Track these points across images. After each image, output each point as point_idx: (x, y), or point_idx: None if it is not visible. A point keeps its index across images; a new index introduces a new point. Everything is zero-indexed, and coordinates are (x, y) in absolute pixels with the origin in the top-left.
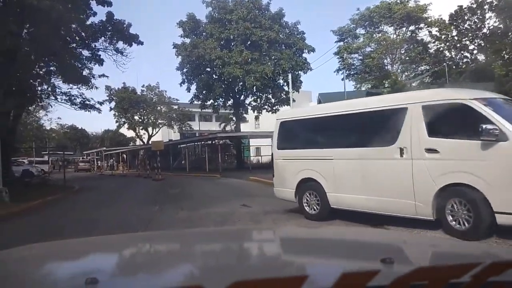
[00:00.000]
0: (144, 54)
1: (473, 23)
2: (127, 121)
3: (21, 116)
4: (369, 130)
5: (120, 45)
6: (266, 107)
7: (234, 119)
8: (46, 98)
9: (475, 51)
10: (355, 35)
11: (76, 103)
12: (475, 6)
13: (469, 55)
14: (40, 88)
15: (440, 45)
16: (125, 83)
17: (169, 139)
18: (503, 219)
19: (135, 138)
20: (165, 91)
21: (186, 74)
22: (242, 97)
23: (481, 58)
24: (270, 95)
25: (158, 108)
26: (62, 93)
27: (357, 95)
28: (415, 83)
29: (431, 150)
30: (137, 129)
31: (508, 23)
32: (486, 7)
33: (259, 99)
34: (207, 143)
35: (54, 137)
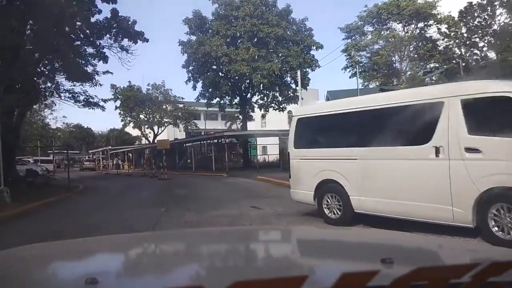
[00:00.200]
0: (149, 52)
1: (483, 19)
2: (133, 119)
3: (25, 115)
4: (399, 127)
5: (125, 42)
6: (273, 105)
7: (240, 117)
8: (50, 96)
9: (484, 48)
10: (363, 32)
11: (79, 100)
12: (485, 2)
13: (478, 52)
14: (44, 86)
15: (449, 42)
16: (130, 82)
17: (174, 138)
18: None
19: (140, 137)
20: (171, 90)
21: (192, 72)
22: (248, 95)
23: (491, 55)
24: (277, 93)
25: (163, 106)
26: (65, 91)
27: (366, 92)
28: (427, 80)
29: (472, 149)
30: (143, 128)
31: None
32: (496, 3)
33: (265, 97)
34: (214, 141)
35: (59, 136)
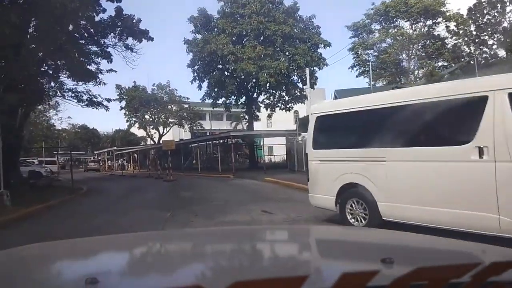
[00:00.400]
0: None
1: (493, 17)
2: (138, 120)
3: (29, 115)
4: (435, 125)
5: (129, 41)
6: (279, 105)
7: (246, 117)
8: (53, 95)
9: (494, 46)
10: (370, 30)
11: (82, 99)
12: None
13: (488, 50)
14: (47, 85)
15: (458, 40)
16: (135, 82)
17: (180, 139)
18: None
19: (145, 137)
20: (176, 90)
21: (197, 71)
22: (255, 94)
23: (501, 53)
24: (283, 93)
25: (168, 107)
26: (68, 90)
27: (375, 91)
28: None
29: None
30: (148, 128)
31: None
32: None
33: (272, 97)
34: (219, 142)
35: (64, 137)
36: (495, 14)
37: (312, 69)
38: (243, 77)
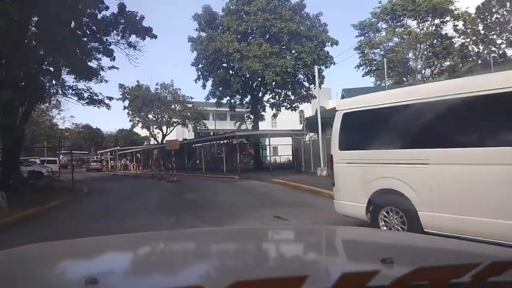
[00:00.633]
0: (158, 50)
1: (501, 15)
2: (141, 120)
3: (29, 114)
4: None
5: (132, 38)
6: (285, 104)
7: (251, 117)
8: (55, 93)
9: (502, 46)
10: (377, 29)
11: (83, 97)
12: None
13: (496, 49)
14: (48, 84)
15: (465, 40)
16: (138, 81)
17: (183, 138)
18: None
19: (149, 137)
20: (179, 89)
21: (201, 70)
22: (260, 93)
23: (509, 53)
24: (289, 92)
25: (172, 106)
26: (68, 87)
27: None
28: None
29: None
30: (151, 128)
31: None
32: None
33: (277, 96)
34: (224, 142)
35: (67, 136)
36: (504, 12)
37: (319, 67)
38: (248, 75)
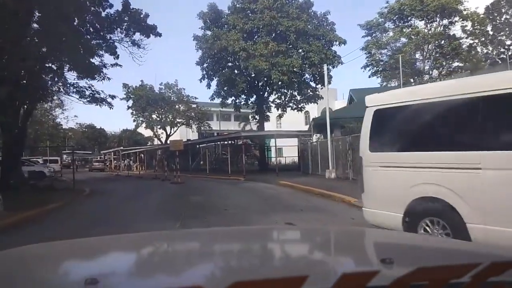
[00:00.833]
0: (162, 50)
1: (511, 16)
2: (145, 120)
3: (31, 113)
4: None
5: (136, 36)
6: (290, 104)
7: (256, 117)
8: (57, 91)
9: None
10: (384, 29)
11: (85, 95)
12: None
13: (505, 50)
14: (50, 82)
15: (474, 40)
16: (142, 81)
17: (187, 139)
18: None
19: (152, 137)
20: (184, 89)
21: (206, 69)
22: (266, 93)
23: None
24: (295, 92)
25: (176, 106)
26: (70, 85)
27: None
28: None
29: None
30: (155, 128)
31: None
32: None
33: (283, 96)
34: (229, 143)
35: (70, 136)
36: None
37: (327, 66)
38: (254, 75)
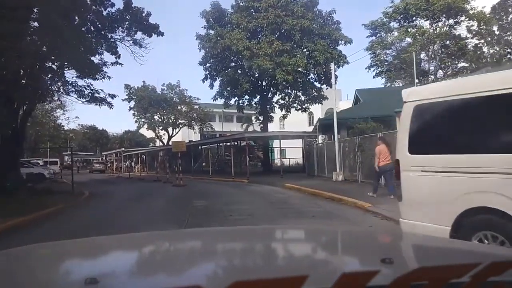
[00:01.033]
0: (164, 50)
1: None
2: (147, 121)
3: (30, 114)
4: None
5: (138, 36)
6: (295, 105)
7: (260, 118)
8: (56, 91)
9: None
10: (389, 29)
11: (84, 95)
12: None
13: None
14: (50, 82)
15: (479, 41)
16: (144, 82)
17: (189, 140)
18: None
19: (154, 139)
20: (186, 90)
21: (209, 69)
22: (269, 94)
23: None
24: (300, 92)
25: (178, 107)
26: (68, 84)
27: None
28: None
29: None
30: (157, 129)
31: None
32: None
33: (287, 97)
34: (232, 144)
35: (72, 137)
36: None
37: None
38: (257, 75)
